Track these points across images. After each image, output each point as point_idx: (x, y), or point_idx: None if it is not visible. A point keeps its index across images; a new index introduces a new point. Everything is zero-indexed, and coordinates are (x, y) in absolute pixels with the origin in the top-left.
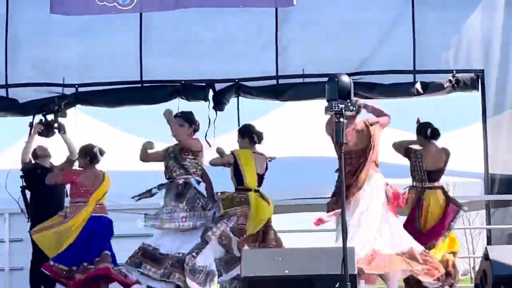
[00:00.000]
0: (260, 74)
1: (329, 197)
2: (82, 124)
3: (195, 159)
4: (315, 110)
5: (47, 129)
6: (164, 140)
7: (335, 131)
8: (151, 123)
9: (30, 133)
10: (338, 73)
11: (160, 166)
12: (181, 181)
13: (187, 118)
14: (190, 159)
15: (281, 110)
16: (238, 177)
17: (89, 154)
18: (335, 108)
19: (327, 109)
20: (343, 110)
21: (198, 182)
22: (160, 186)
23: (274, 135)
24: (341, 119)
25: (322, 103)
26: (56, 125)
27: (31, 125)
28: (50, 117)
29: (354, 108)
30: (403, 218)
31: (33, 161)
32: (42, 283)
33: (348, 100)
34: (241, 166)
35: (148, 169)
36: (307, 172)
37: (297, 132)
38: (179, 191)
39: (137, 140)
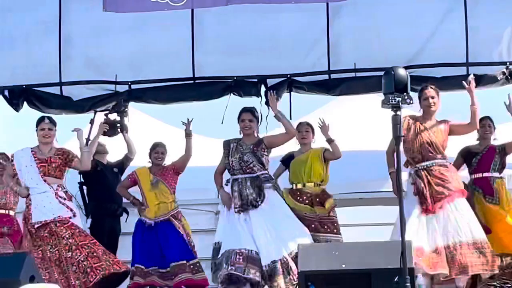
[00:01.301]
0: (311, 69)
1: (383, 191)
2: (136, 121)
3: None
4: (367, 104)
5: (112, 129)
6: (215, 136)
7: (392, 124)
8: (203, 120)
9: (90, 130)
10: (394, 66)
11: (208, 162)
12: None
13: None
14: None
15: (332, 105)
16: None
17: None
18: (391, 101)
19: (383, 103)
20: (400, 104)
21: None
22: None
23: None
24: (398, 113)
25: (374, 97)
26: (119, 124)
27: (92, 121)
28: (111, 116)
29: (411, 102)
30: None
31: None
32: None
33: (405, 93)
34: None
35: (202, 164)
36: (359, 167)
37: (349, 127)
38: None
39: None
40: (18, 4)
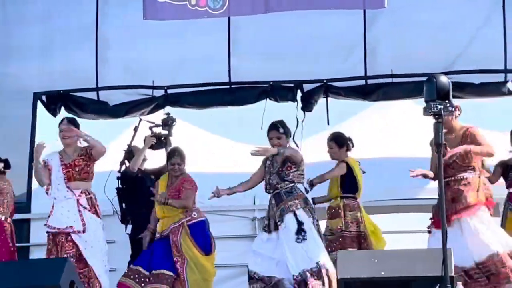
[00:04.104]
0: (348, 74)
1: (419, 198)
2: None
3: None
4: (404, 110)
5: (157, 143)
6: (251, 141)
7: (434, 132)
8: (239, 125)
9: (133, 137)
10: (435, 73)
11: (244, 168)
12: None
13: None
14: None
15: (370, 111)
16: (352, 185)
17: None
18: (433, 109)
19: (425, 110)
20: (442, 111)
21: None
22: None
23: (364, 136)
24: (440, 120)
25: (411, 103)
26: (163, 138)
27: (136, 129)
28: (156, 129)
29: (453, 109)
30: None
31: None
32: None
33: (447, 101)
34: (356, 175)
35: (239, 171)
36: (396, 173)
37: (386, 133)
38: None
39: (223, 141)
40: (56, 10)
